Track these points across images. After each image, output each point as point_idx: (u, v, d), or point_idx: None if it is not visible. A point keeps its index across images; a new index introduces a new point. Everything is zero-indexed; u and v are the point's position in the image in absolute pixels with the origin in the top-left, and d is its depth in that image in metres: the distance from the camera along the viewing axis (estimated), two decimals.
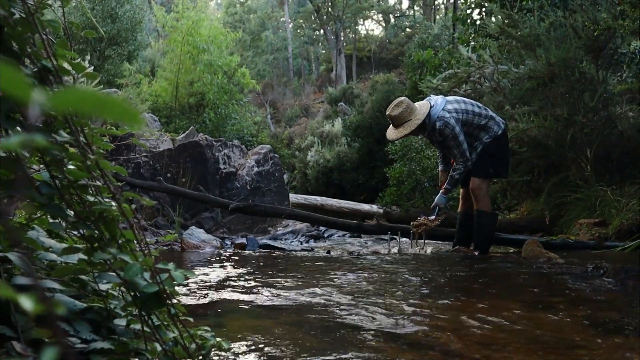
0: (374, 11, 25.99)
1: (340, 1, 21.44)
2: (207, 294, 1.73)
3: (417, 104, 3.06)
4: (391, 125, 3.04)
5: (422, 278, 2.18)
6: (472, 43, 5.65)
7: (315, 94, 21.27)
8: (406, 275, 2.23)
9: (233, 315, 1.45)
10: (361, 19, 25.37)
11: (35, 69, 0.65)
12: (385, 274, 2.25)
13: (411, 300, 1.65)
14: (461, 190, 3.33)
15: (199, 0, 8.93)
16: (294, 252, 3.44)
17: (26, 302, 0.24)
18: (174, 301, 0.68)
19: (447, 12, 16.77)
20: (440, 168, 3.35)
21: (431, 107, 2.99)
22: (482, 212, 3.10)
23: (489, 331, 1.26)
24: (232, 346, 1.10)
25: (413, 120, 2.93)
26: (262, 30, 24.38)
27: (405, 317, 1.41)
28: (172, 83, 8.67)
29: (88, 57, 4.85)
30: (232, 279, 2.12)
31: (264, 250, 3.57)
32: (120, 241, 0.69)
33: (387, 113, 3.04)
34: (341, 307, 1.53)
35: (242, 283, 2.01)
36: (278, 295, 1.71)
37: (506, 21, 4.60)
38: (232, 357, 1.04)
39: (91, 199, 0.70)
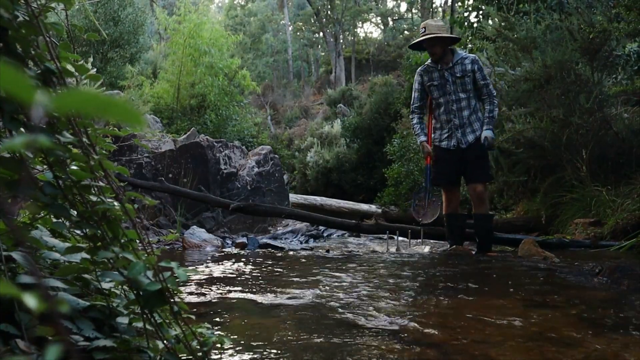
0: (372, 14, 26.06)
1: (339, 4, 21.52)
2: (208, 293, 1.74)
3: None
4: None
5: (420, 277, 2.20)
6: (470, 45, 5.72)
7: (315, 95, 21.31)
8: (404, 274, 2.24)
9: (234, 313, 1.46)
10: (360, 22, 25.43)
11: (39, 71, 0.65)
12: (383, 273, 2.26)
13: (409, 299, 1.66)
14: (444, 194, 3.26)
15: (200, 3, 9.01)
16: (294, 252, 3.46)
17: (30, 301, 0.24)
18: (176, 299, 0.69)
19: (444, 15, 16.85)
20: (422, 139, 3.18)
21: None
22: (486, 215, 3.13)
23: (486, 329, 1.27)
24: (232, 344, 1.10)
25: (446, 32, 3.04)
26: (262, 32, 24.50)
27: (403, 315, 1.42)
28: (174, 85, 8.73)
29: (91, 59, 4.90)
30: (233, 277, 2.13)
31: (264, 250, 3.59)
32: (123, 240, 0.70)
33: (423, 23, 3.08)
34: (340, 305, 1.54)
35: (242, 281, 2.02)
36: (278, 294, 1.72)
37: (503, 24, 4.66)
38: (233, 354, 1.04)
39: (94, 198, 0.70)
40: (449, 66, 3.01)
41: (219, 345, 1.01)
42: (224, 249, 3.59)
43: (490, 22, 5.17)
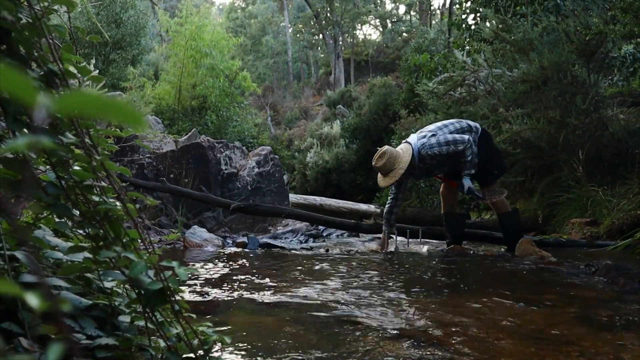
0: (371, 16, 26.15)
1: (338, 7, 21.62)
2: (209, 292, 1.76)
3: (399, 148, 3.05)
4: (379, 174, 3.06)
5: (418, 276, 2.22)
6: (467, 47, 5.77)
7: (315, 97, 21.37)
8: (402, 274, 2.27)
9: (234, 312, 1.47)
10: (359, 24, 25.51)
11: (42, 73, 0.66)
12: (382, 272, 2.28)
13: (408, 297, 1.69)
14: (442, 191, 3.33)
15: (202, 6, 9.09)
16: (293, 251, 3.48)
17: (33, 300, 0.24)
18: (177, 298, 0.70)
19: (442, 18, 16.91)
20: (385, 229, 3.28)
21: (412, 145, 2.97)
22: (504, 214, 3.15)
23: (484, 327, 1.29)
24: (233, 342, 1.12)
25: (397, 170, 2.93)
26: (262, 34, 24.61)
27: (401, 313, 1.44)
28: (175, 86, 8.79)
29: (93, 61, 4.95)
30: (234, 276, 2.14)
31: (264, 249, 3.61)
32: (124, 240, 0.70)
33: (372, 164, 3.05)
34: (340, 304, 1.56)
35: (243, 281, 2.03)
36: (278, 293, 1.74)
37: (500, 26, 4.71)
38: (234, 353, 1.05)
39: (96, 198, 0.70)
40: (419, 166, 3.04)
41: (220, 344, 1.02)
42: (224, 249, 3.62)
43: (487, 24, 5.23)
